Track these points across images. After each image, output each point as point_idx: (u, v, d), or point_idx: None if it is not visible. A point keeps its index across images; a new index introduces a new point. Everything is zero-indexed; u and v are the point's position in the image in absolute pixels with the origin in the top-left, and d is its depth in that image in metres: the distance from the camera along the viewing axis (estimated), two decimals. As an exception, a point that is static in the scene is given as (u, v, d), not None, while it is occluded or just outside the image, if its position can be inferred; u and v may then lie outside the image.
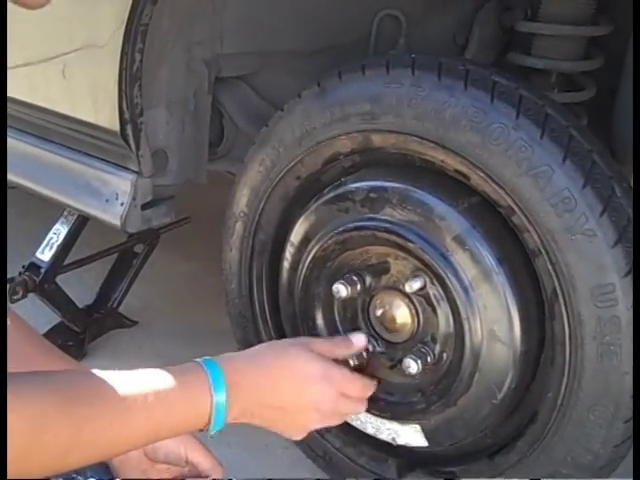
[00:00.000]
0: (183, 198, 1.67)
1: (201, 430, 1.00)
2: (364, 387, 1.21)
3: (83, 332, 1.95)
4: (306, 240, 1.34)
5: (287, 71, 1.60)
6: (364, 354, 1.26)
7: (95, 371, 0.92)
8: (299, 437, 1.16)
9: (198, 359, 1.03)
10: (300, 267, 1.35)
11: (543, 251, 1.13)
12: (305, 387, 1.11)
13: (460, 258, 1.18)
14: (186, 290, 2.29)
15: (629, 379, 1.10)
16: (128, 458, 1.10)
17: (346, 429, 1.44)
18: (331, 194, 1.32)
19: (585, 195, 1.09)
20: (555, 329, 1.17)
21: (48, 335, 1.85)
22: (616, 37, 1.46)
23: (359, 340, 1.24)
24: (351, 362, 1.23)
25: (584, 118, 1.55)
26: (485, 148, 1.14)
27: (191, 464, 1.12)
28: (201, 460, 1.11)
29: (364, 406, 1.22)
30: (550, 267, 1.13)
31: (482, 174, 1.16)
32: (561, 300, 1.13)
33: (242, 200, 1.46)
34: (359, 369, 1.23)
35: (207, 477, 1.11)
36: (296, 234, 1.37)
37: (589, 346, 1.11)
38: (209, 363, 1.02)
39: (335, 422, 1.19)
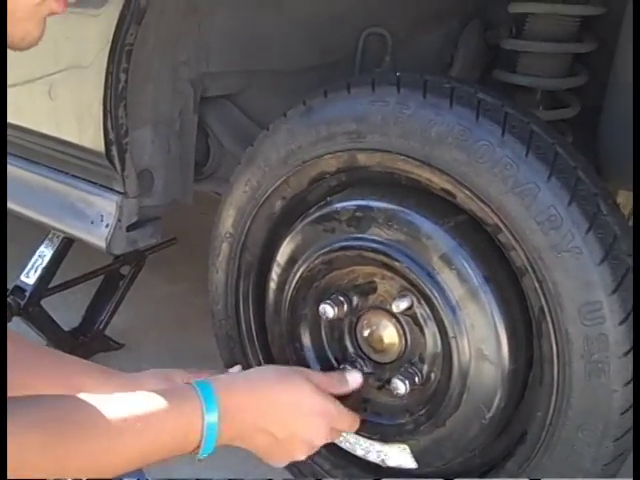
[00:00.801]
0: (169, 219, 1.66)
1: (192, 452, 0.99)
2: (353, 423, 1.22)
3: (69, 356, 1.93)
4: (292, 260, 1.33)
5: (273, 90, 1.60)
6: None
7: (83, 396, 0.90)
8: (280, 465, 1.16)
9: (195, 384, 1.01)
10: (286, 288, 1.34)
11: (530, 269, 1.12)
12: (304, 421, 1.11)
13: (447, 277, 1.17)
14: (172, 312, 2.28)
15: (618, 397, 1.09)
16: None
17: (335, 451, 1.42)
18: (317, 214, 1.31)
19: (571, 212, 1.08)
20: (543, 347, 1.16)
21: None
22: (600, 54, 1.47)
23: (354, 380, 1.24)
24: None
25: (569, 135, 1.55)
26: (471, 166, 1.13)
27: None
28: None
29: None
30: (537, 285, 1.12)
31: (468, 192, 1.16)
32: (548, 318, 1.12)
33: (228, 221, 1.45)
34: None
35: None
36: (282, 254, 1.36)
37: (577, 364, 1.11)
38: (202, 386, 1.00)
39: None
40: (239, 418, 1.03)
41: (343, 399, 1.20)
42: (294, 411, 1.10)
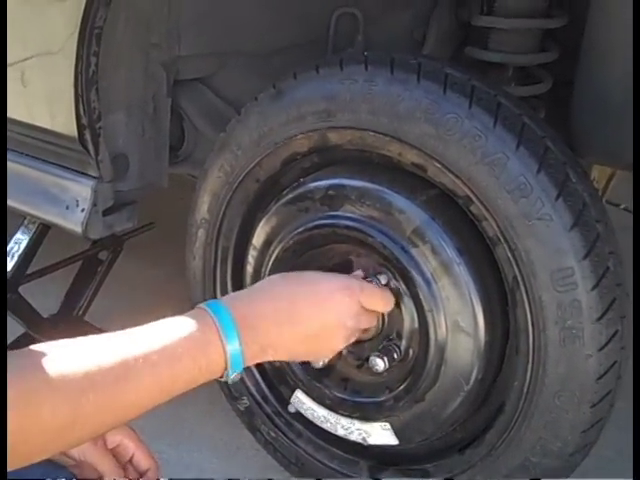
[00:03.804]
0: (148, 204, 1.65)
1: (220, 377, 0.94)
2: (385, 299, 1.17)
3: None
4: (268, 242, 1.34)
5: (247, 72, 1.60)
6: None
7: (88, 338, 0.88)
8: (328, 357, 1.16)
9: (202, 304, 0.96)
10: (263, 270, 1.34)
11: (502, 239, 1.13)
12: (326, 304, 1.06)
13: (421, 251, 1.17)
14: (152, 296, 2.25)
15: (592, 362, 1.10)
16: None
17: (318, 433, 1.43)
18: (291, 194, 1.31)
19: (540, 180, 1.09)
20: (518, 317, 1.17)
21: (13, 347, 1.82)
22: (570, 29, 1.47)
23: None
24: None
25: (542, 111, 1.55)
26: (440, 139, 1.14)
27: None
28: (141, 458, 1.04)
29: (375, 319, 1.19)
30: (510, 254, 1.13)
31: (438, 165, 1.16)
32: (522, 287, 1.13)
33: (203, 207, 1.46)
34: None
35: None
36: (258, 237, 1.36)
37: (551, 331, 1.11)
38: (214, 306, 0.96)
39: (352, 339, 1.13)
40: (259, 330, 0.97)
41: None
42: (313, 297, 1.05)
